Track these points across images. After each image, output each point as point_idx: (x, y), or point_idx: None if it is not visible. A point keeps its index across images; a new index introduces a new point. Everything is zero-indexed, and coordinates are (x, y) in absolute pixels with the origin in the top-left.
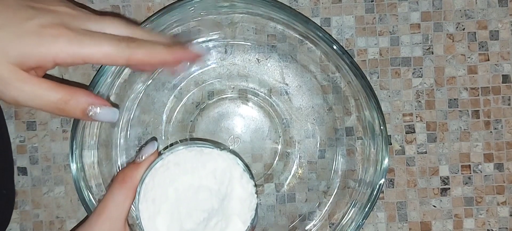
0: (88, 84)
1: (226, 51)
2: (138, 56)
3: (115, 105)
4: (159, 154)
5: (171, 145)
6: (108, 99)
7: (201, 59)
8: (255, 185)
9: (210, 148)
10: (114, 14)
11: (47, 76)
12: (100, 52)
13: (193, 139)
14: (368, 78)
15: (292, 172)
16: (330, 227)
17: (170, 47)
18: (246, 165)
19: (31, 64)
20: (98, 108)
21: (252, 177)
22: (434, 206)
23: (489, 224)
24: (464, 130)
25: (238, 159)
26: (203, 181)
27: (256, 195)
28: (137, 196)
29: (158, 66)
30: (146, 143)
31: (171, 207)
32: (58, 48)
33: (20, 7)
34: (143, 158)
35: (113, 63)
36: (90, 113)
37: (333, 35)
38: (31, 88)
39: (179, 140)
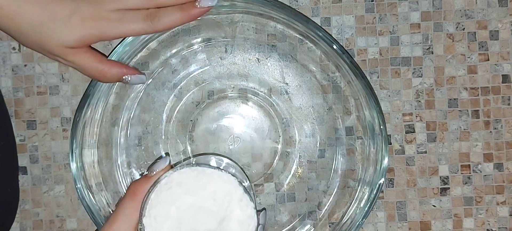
0: (88, 83)
1: (226, 51)
2: (162, 27)
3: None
4: (171, 167)
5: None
6: (135, 68)
7: (212, 7)
8: (256, 207)
9: (212, 168)
10: None
11: None
12: (133, 31)
13: (199, 154)
14: (368, 78)
15: (292, 172)
16: (330, 226)
17: (183, 8)
18: (246, 188)
19: (81, 45)
20: (129, 76)
21: (252, 198)
22: (434, 206)
23: (489, 224)
24: (464, 129)
25: (238, 181)
26: (203, 202)
27: (256, 218)
28: (142, 210)
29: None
30: (159, 158)
31: (173, 226)
32: (101, 33)
33: (64, 1)
34: (154, 173)
35: (143, 34)
36: (124, 79)
37: (333, 35)
38: (80, 60)
39: (192, 156)
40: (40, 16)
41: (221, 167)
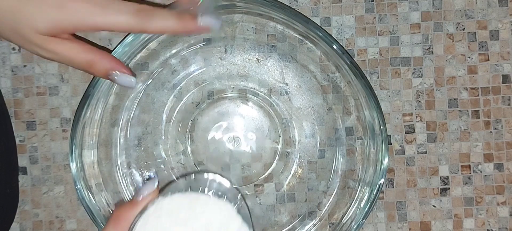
0: (88, 83)
1: (226, 51)
2: (151, 28)
3: (134, 74)
4: (161, 191)
5: (176, 179)
6: (128, 67)
7: (211, 31)
8: None
9: (207, 196)
10: None
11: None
12: (118, 23)
13: (199, 170)
14: (368, 78)
15: (292, 172)
16: (329, 227)
17: (182, 18)
18: (244, 217)
19: (58, 32)
20: (118, 73)
21: (251, 226)
22: (434, 206)
23: (489, 224)
24: (464, 130)
25: (236, 208)
26: None
27: None
28: None
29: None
30: (147, 179)
31: None
32: (79, 18)
33: None
34: (141, 197)
35: (129, 32)
36: (111, 76)
37: (333, 35)
38: (63, 50)
39: (180, 176)
40: (13, 0)
41: (214, 185)
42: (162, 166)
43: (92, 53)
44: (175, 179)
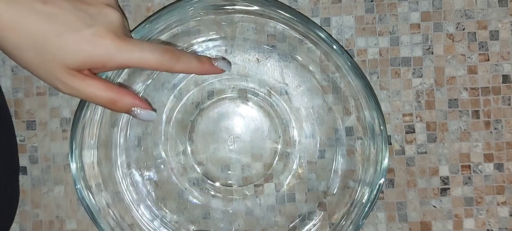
0: None
1: (226, 51)
2: (176, 69)
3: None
4: None
5: None
6: (147, 101)
7: (224, 71)
8: None
9: None
10: None
11: None
12: (146, 62)
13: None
14: (368, 78)
15: (292, 172)
16: (330, 227)
17: (202, 61)
18: None
19: (85, 68)
20: (140, 110)
21: None
22: (434, 206)
23: (489, 224)
24: (464, 130)
25: None
26: None
27: None
28: None
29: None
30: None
31: None
32: (108, 57)
33: (75, 12)
34: None
35: (156, 70)
36: (134, 113)
37: (333, 35)
38: (86, 88)
39: None
40: (44, 28)
41: None
42: (162, 166)
43: (113, 92)
44: None
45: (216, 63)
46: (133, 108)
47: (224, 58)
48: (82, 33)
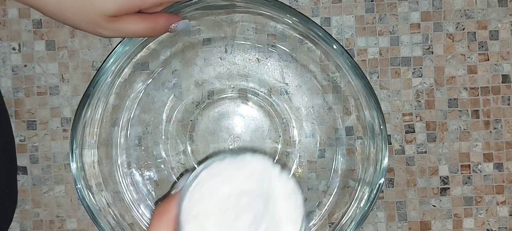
0: (88, 83)
1: (226, 51)
2: None
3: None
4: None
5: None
6: (176, 15)
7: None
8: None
9: (242, 153)
10: None
11: None
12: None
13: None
14: (368, 78)
15: (292, 172)
16: (329, 226)
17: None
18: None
19: (123, 13)
20: (176, 24)
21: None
22: (434, 206)
23: (489, 223)
24: (464, 129)
25: (272, 159)
26: (242, 186)
27: (300, 191)
28: (179, 219)
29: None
30: (181, 175)
31: (217, 221)
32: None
33: None
34: (180, 187)
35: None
36: (172, 30)
37: (333, 35)
38: (125, 28)
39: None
40: None
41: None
42: (162, 166)
43: (149, 21)
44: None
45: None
46: (171, 26)
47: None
48: None
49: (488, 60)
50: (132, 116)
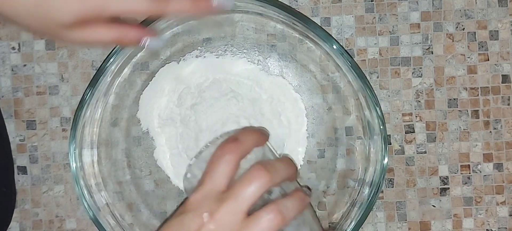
0: (88, 83)
1: (225, 51)
2: (168, 11)
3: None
4: None
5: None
6: (152, 29)
7: (225, 8)
8: None
9: None
10: None
11: None
12: (135, 9)
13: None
14: (368, 78)
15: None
16: (329, 226)
17: (195, 1)
18: None
19: (82, 21)
20: (148, 39)
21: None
22: (434, 206)
23: (489, 224)
24: (464, 129)
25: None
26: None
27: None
28: None
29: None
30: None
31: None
32: (101, 7)
33: None
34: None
35: (148, 15)
36: (143, 44)
37: (333, 35)
38: (88, 37)
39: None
40: None
41: None
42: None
43: (117, 31)
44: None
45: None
46: (142, 41)
47: None
48: None
49: (488, 60)
50: (131, 115)
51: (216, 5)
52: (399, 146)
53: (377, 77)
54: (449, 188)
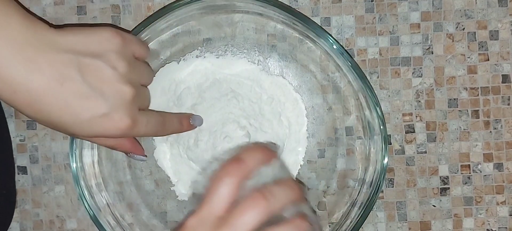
0: None
1: (225, 51)
2: (165, 134)
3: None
4: None
5: None
6: (140, 146)
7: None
8: None
9: None
10: None
11: None
12: (146, 134)
13: None
14: (368, 78)
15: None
16: (329, 226)
17: (182, 124)
18: None
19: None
20: (133, 155)
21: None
22: (434, 206)
23: (489, 223)
24: (464, 129)
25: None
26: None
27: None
28: None
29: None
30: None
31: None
32: (119, 135)
33: (90, 94)
34: None
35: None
36: (130, 156)
37: (333, 35)
38: (93, 140)
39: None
40: (62, 110)
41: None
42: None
43: (118, 142)
44: None
45: (191, 121)
46: (129, 154)
47: (197, 116)
48: (97, 119)
49: (488, 60)
50: None
51: (193, 125)
52: (399, 146)
53: (377, 77)
54: (449, 188)
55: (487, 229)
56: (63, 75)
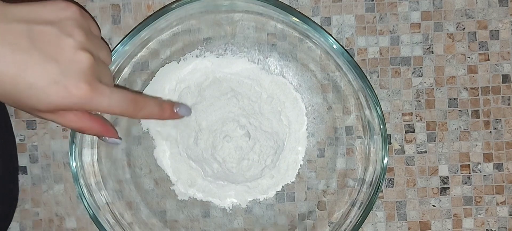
0: None
1: (226, 50)
2: (139, 116)
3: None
4: None
5: None
6: (113, 128)
7: (182, 117)
8: None
9: None
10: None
11: None
12: (112, 110)
13: None
14: (368, 77)
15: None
16: (329, 226)
17: (163, 109)
18: None
19: (56, 111)
20: (106, 138)
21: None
22: (434, 206)
23: (488, 223)
24: (464, 129)
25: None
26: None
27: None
28: None
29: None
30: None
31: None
32: (79, 106)
33: (46, 64)
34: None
35: (119, 115)
36: (102, 139)
37: (333, 34)
38: (62, 121)
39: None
40: (15, 81)
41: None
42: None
43: (84, 122)
44: None
45: (176, 109)
46: (102, 137)
47: (184, 104)
48: (52, 86)
49: (489, 60)
50: None
51: (178, 114)
52: (399, 145)
53: (377, 76)
54: (449, 187)
55: (486, 229)
56: (14, 45)
